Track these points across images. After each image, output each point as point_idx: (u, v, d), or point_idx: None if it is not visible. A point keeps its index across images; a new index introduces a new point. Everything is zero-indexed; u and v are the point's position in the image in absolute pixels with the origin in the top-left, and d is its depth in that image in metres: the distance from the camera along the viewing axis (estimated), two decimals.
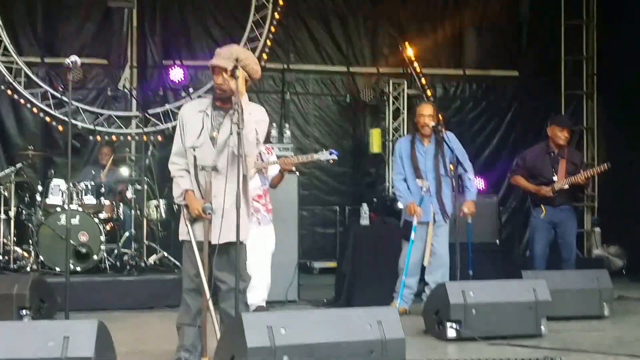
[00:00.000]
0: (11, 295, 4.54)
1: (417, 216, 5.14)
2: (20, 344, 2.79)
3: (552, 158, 5.80)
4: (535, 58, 9.08)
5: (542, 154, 5.84)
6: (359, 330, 3.08)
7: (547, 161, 5.79)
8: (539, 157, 5.83)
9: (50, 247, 5.87)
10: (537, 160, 5.82)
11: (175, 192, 3.60)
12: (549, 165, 5.77)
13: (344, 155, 8.74)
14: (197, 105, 3.65)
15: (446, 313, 4.25)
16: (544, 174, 5.77)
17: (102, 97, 8.11)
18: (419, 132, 5.27)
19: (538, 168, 5.80)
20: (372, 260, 5.79)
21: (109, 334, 3.04)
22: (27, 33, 8.00)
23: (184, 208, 3.57)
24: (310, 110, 8.82)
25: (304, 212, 8.02)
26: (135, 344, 4.24)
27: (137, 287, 5.74)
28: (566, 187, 5.69)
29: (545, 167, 5.77)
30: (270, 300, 5.44)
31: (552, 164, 5.77)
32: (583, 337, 4.35)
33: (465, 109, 9.04)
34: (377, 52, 8.98)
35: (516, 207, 8.76)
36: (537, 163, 5.81)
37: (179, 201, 3.60)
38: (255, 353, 2.86)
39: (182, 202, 3.58)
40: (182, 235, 3.60)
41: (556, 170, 5.74)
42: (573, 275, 5.23)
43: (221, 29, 8.35)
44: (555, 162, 5.77)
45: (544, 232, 5.72)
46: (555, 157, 5.80)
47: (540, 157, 5.83)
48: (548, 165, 5.77)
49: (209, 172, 3.48)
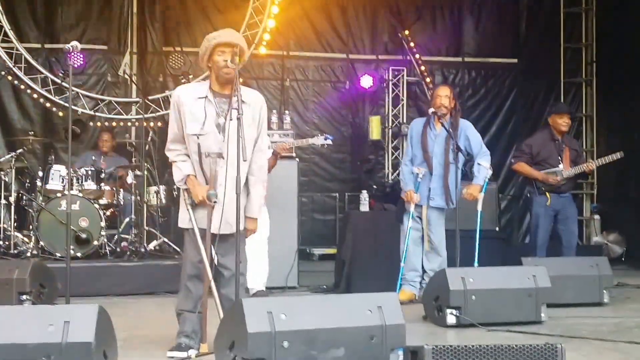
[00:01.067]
0: (11, 280, 4.54)
1: (412, 201, 5.14)
2: (20, 328, 2.79)
3: (557, 145, 5.81)
4: (534, 45, 9.06)
5: (547, 141, 5.85)
6: (360, 315, 3.08)
7: (552, 148, 5.80)
8: (544, 145, 5.84)
9: (50, 232, 5.87)
10: (542, 147, 5.83)
11: (177, 176, 3.55)
12: (555, 152, 5.78)
13: (344, 142, 8.76)
14: (193, 91, 3.55)
15: (446, 299, 4.26)
16: (549, 161, 5.78)
17: (102, 83, 8.08)
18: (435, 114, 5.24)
19: (544, 155, 5.81)
20: (372, 246, 5.81)
21: (110, 318, 3.05)
22: (28, 19, 7.97)
23: (184, 193, 3.53)
24: (310, 97, 8.81)
25: (303, 198, 8.04)
26: (135, 329, 4.25)
27: (137, 273, 5.75)
28: (572, 176, 5.72)
29: (551, 155, 5.79)
30: (270, 286, 5.47)
31: (558, 151, 5.78)
32: (582, 324, 4.37)
33: (464, 97, 9.02)
34: (377, 39, 8.94)
35: (515, 194, 8.78)
36: (542, 150, 5.82)
37: (180, 185, 3.55)
38: (256, 338, 2.86)
39: (183, 187, 3.54)
40: (184, 222, 3.57)
41: (562, 158, 5.76)
42: (573, 262, 5.25)
43: (221, 15, 8.31)
44: (560, 149, 5.79)
45: (548, 219, 5.74)
46: (560, 144, 5.81)
47: (546, 145, 5.84)
48: (554, 153, 5.78)
49: (214, 160, 3.45)
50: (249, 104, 3.53)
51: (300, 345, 2.92)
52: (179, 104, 3.51)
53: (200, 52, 3.55)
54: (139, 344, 3.83)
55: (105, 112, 7.84)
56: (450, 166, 5.14)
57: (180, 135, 3.53)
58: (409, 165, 5.27)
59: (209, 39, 3.51)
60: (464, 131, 5.19)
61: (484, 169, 5.12)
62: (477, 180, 5.20)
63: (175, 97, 3.57)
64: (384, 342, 3.04)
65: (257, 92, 3.68)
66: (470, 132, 5.20)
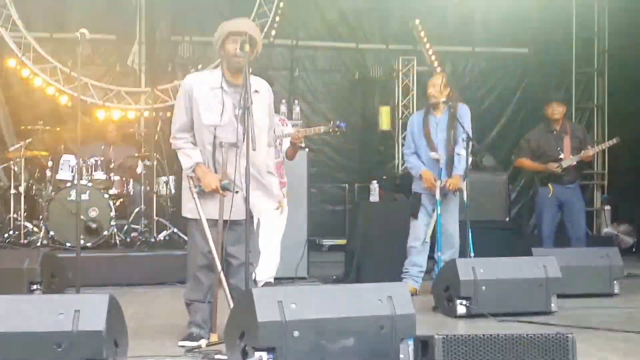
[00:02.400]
0: (22, 270, 4.58)
1: (432, 185, 5.05)
2: (31, 317, 2.80)
3: (555, 136, 5.76)
4: (545, 35, 8.96)
5: (544, 134, 5.81)
6: (370, 305, 3.08)
7: (550, 140, 5.76)
8: (541, 137, 5.80)
9: (60, 222, 5.90)
10: (540, 140, 5.80)
11: (185, 162, 3.51)
12: (553, 143, 5.74)
13: (353, 133, 8.71)
14: (206, 80, 3.50)
15: (456, 289, 4.26)
16: (549, 153, 5.74)
17: (111, 72, 8.07)
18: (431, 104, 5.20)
19: (543, 148, 5.77)
20: (382, 236, 5.80)
21: (120, 308, 3.05)
22: (36, 8, 7.95)
23: (190, 180, 3.49)
24: (319, 87, 8.77)
25: (312, 189, 8.01)
26: (146, 319, 4.27)
27: (147, 263, 5.78)
28: (574, 164, 5.66)
29: (549, 146, 5.75)
30: (279, 276, 5.47)
31: (556, 142, 5.73)
32: (593, 315, 4.36)
33: (474, 86, 8.96)
34: (386, 28, 8.88)
35: (525, 185, 8.73)
36: (540, 143, 5.79)
37: (189, 173, 3.52)
38: (266, 328, 2.86)
39: (191, 174, 3.50)
40: (190, 212, 3.54)
41: (562, 148, 5.71)
42: (583, 253, 5.22)
43: (230, 4, 8.27)
44: (559, 139, 5.74)
45: (551, 211, 5.70)
46: (558, 134, 5.76)
47: (543, 137, 5.80)
48: (552, 144, 5.74)
49: (228, 150, 3.42)
50: (261, 93, 3.52)
51: (310, 335, 2.92)
52: (192, 92, 3.47)
53: (214, 40, 3.54)
54: (149, 334, 3.85)
55: (114, 102, 7.83)
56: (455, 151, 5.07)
57: (189, 124, 3.50)
58: (413, 155, 5.22)
59: (222, 27, 3.49)
60: (460, 117, 5.12)
61: (463, 158, 4.96)
62: (456, 171, 5.05)
63: (186, 85, 3.52)
64: (394, 332, 3.03)
65: (262, 80, 3.65)
66: (464, 120, 5.12)
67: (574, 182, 5.79)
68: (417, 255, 5.21)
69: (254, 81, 3.43)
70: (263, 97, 3.54)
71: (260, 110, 3.47)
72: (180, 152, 3.55)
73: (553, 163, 5.67)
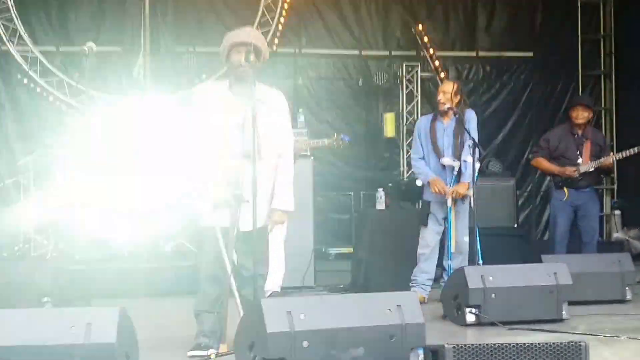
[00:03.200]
0: (32, 282, 4.58)
1: (442, 191, 5.06)
2: (43, 330, 2.82)
3: (577, 140, 5.71)
4: (550, 38, 8.95)
5: (566, 136, 5.76)
6: (379, 315, 3.07)
7: (571, 143, 5.71)
8: (562, 139, 5.75)
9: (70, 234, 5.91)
10: (560, 141, 5.74)
11: (196, 174, 3.54)
12: (574, 146, 5.69)
13: (358, 140, 8.71)
14: (213, 90, 3.58)
15: (465, 298, 4.23)
16: (567, 155, 5.69)
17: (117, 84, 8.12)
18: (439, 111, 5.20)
19: (562, 149, 5.72)
20: (389, 244, 5.78)
21: (131, 320, 3.06)
22: (42, 22, 8.02)
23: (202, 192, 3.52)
24: (323, 95, 8.77)
25: (318, 198, 8.00)
26: (155, 330, 4.26)
27: (156, 274, 5.77)
28: (591, 170, 5.62)
29: (569, 149, 5.70)
30: (286, 286, 5.45)
31: (577, 145, 5.69)
32: (605, 322, 4.32)
33: (479, 91, 8.95)
34: (389, 34, 8.89)
35: (533, 190, 8.69)
36: (560, 144, 5.73)
37: (199, 184, 3.54)
38: (275, 338, 2.86)
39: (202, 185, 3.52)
40: (201, 221, 3.57)
41: (581, 152, 5.67)
42: (594, 259, 5.18)
43: (233, 13, 8.31)
44: (580, 143, 5.69)
45: (566, 215, 5.66)
46: (580, 138, 5.71)
47: (563, 139, 5.75)
48: (573, 147, 5.69)
49: (235, 158, 3.44)
50: (268, 102, 3.53)
51: (320, 345, 2.92)
52: (199, 101, 3.53)
53: (220, 51, 3.57)
54: (159, 345, 3.85)
55: None
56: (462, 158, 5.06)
57: (199, 134, 3.53)
58: (420, 161, 5.21)
59: (227, 38, 3.52)
60: (467, 123, 5.11)
61: (469, 165, 4.92)
62: (464, 177, 5.03)
63: (195, 94, 3.61)
64: (404, 341, 3.03)
65: (276, 90, 3.66)
66: (471, 125, 5.11)
67: (589, 187, 5.74)
68: (425, 262, 5.19)
69: (261, 91, 3.45)
70: (271, 106, 3.55)
71: (266, 119, 3.48)
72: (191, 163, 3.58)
73: (570, 167, 5.62)
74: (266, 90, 3.59)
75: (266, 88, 3.62)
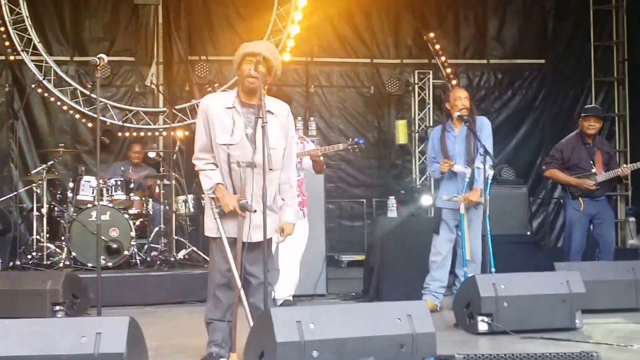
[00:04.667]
0: (45, 291, 4.61)
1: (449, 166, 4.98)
2: (53, 340, 2.83)
3: (588, 149, 5.69)
4: (562, 45, 8.90)
5: (578, 146, 5.73)
6: (389, 324, 3.06)
7: (583, 153, 5.69)
8: (575, 149, 5.72)
9: (82, 243, 5.95)
10: (573, 152, 5.72)
11: (206, 184, 3.54)
12: (587, 156, 5.67)
13: (370, 148, 8.71)
14: (221, 100, 3.57)
15: (477, 306, 4.20)
16: (581, 165, 5.67)
17: (131, 93, 8.19)
18: (451, 117, 5.15)
19: (575, 160, 5.70)
20: (401, 252, 5.75)
21: (140, 329, 3.07)
22: (56, 32, 8.12)
23: (212, 201, 3.52)
24: (335, 102, 8.79)
25: (330, 205, 8.01)
26: (166, 338, 4.28)
27: (167, 282, 5.79)
28: (606, 179, 5.60)
29: (583, 159, 5.68)
30: (298, 294, 5.45)
31: (589, 155, 5.66)
32: (618, 330, 4.27)
33: (491, 99, 8.92)
34: (401, 42, 8.89)
35: (546, 197, 8.63)
36: (573, 155, 5.71)
37: (209, 194, 3.55)
38: (285, 348, 2.86)
39: (211, 195, 3.53)
40: (211, 231, 3.57)
41: (594, 162, 5.64)
42: (608, 267, 5.12)
43: (245, 22, 8.36)
44: (592, 153, 5.68)
45: (582, 225, 5.63)
46: (591, 148, 5.70)
47: (576, 149, 5.72)
48: (586, 157, 5.67)
49: (244, 169, 3.45)
50: (276, 114, 3.54)
51: (329, 355, 2.91)
52: (208, 112, 3.52)
53: (234, 62, 3.59)
54: (170, 354, 3.85)
55: (133, 123, 7.93)
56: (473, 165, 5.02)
57: (209, 144, 3.54)
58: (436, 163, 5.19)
59: (241, 49, 3.54)
60: (479, 131, 5.07)
61: (481, 172, 4.86)
62: (476, 184, 4.97)
63: (203, 105, 3.58)
64: (414, 351, 3.01)
65: (282, 102, 3.68)
66: (483, 133, 5.07)
67: (603, 195, 5.72)
68: (437, 270, 5.16)
69: (269, 102, 3.46)
70: (277, 118, 3.56)
71: (273, 131, 3.49)
72: (201, 174, 3.60)
73: (588, 180, 5.60)
74: (275, 103, 3.60)
75: (275, 100, 3.63)
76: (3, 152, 7.93)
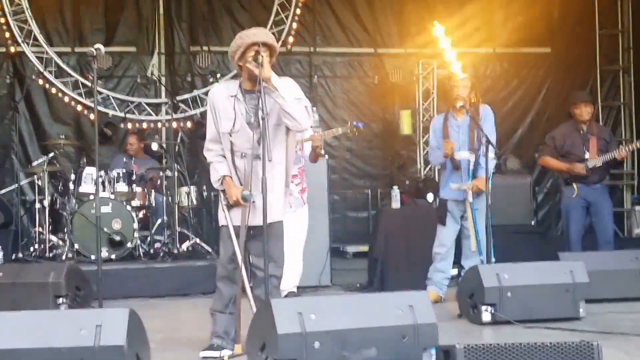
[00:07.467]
0: (47, 283, 4.60)
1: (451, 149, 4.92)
2: (53, 332, 2.82)
3: (582, 136, 5.64)
4: (568, 33, 8.81)
5: (571, 132, 5.69)
6: (390, 315, 3.04)
7: (577, 139, 5.64)
8: (568, 136, 5.68)
9: (84, 235, 5.94)
10: (566, 138, 5.68)
11: (213, 177, 3.62)
12: (580, 143, 5.62)
13: (374, 138, 8.67)
14: (225, 89, 3.61)
15: (480, 296, 4.18)
16: (574, 152, 5.62)
17: (132, 85, 8.16)
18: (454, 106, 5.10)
19: (568, 146, 5.65)
20: (405, 243, 5.74)
21: (141, 321, 3.06)
22: (57, 23, 8.07)
23: (221, 194, 3.59)
24: (339, 93, 8.73)
25: (335, 196, 7.98)
26: (170, 330, 4.28)
27: (170, 274, 5.78)
28: (599, 165, 5.53)
29: (575, 145, 5.63)
30: (303, 285, 5.44)
31: (583, 141, 5.62)
32: (623, 320, 4.24)
33: (497, 88, 8.84)
34: (405, 32, 8.82)
35: (551, 187, 8.58)
36: (566, 141, 5.67)
37: (217, 187, 3.62)
38: (286, 339, 2.85)
39: (220, 188, 3.59)
40: (221, 221, 3.63)
41: (587, 148, 5.59)
42: (612, 256, 5.09)
43: (247, 13, 8.31)
44: (586, 139, 5.62)
45: (578, 211, 5.58)
46: (585, 134, 5.64)
47: (569, 136, 5.68)
48: (579, 143, 5.62)
49: (249, 159, 3.46)
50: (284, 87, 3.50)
51: (331, 346, 2.90)
52: (214, 102, 3.58)
53: (230, 51, 3.55)
54: (173, 346, 3.85)
55: (135, 114, 7.90)
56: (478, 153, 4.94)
57: (217, 134, 3.58)
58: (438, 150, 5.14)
59: (241, 38, 3.50)
60: (482, 121, 5.02)
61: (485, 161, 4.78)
62: (481, 172, 4.89)
63: (210, 95, 3.65)
64: (416, 341, 3.00)
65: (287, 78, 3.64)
66: (487, 122, 5.02)
67: (599, 183, 5.65)
68: (441, 262, 5.13)
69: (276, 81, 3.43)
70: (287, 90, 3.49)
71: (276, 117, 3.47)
72: (211, 166, 3.65)
73: (578, 164, 5.55)
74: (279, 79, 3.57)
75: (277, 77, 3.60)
76: (4, 144, 7.91)
